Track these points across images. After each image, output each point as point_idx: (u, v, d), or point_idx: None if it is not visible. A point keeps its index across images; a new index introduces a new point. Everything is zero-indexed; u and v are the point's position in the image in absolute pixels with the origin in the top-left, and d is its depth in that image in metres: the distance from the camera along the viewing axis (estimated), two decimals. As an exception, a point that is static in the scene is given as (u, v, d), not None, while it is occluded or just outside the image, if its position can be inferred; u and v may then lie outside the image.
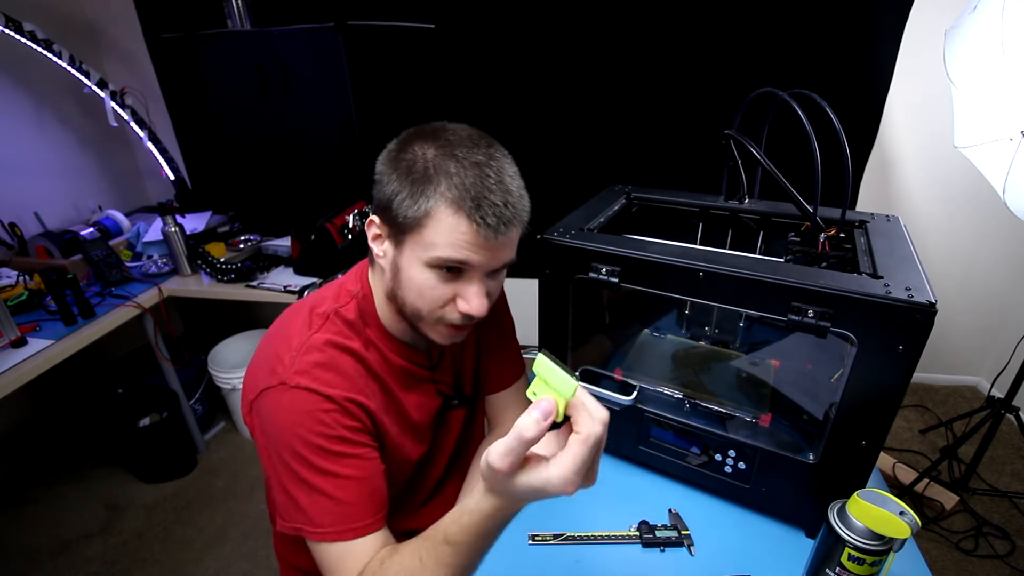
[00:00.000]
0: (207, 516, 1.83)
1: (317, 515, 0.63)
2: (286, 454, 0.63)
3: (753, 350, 1.01)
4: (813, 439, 0.79)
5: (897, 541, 0.59)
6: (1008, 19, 1.13)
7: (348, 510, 0.63)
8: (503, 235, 0.61)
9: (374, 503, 0.65)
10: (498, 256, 0.63)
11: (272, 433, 0.64)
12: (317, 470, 0.63)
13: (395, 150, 0.63)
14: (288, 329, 0.70)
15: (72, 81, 1.95)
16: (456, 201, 0.58)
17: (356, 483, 0.64)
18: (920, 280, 0.64)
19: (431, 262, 0.61)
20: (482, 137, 0.64)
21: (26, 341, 1.41)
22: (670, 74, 1.83)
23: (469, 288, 0.64)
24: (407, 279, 0.64)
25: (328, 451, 0.63)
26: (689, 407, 0.89)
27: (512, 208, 0.60)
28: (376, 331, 0.73)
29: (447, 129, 0.63)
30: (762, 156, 0.83)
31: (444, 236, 0.59)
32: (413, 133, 0.64)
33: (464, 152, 0.60)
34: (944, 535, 1.66)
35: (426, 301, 0.65)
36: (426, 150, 0.61)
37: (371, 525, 0.64)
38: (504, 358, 0.90)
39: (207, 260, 1.76)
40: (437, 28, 1.88)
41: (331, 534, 0.62)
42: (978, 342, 2.23)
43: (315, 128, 1.87)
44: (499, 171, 0.60)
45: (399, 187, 0.60)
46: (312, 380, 0.64)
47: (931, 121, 1.86)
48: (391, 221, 0.63)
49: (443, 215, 0.59)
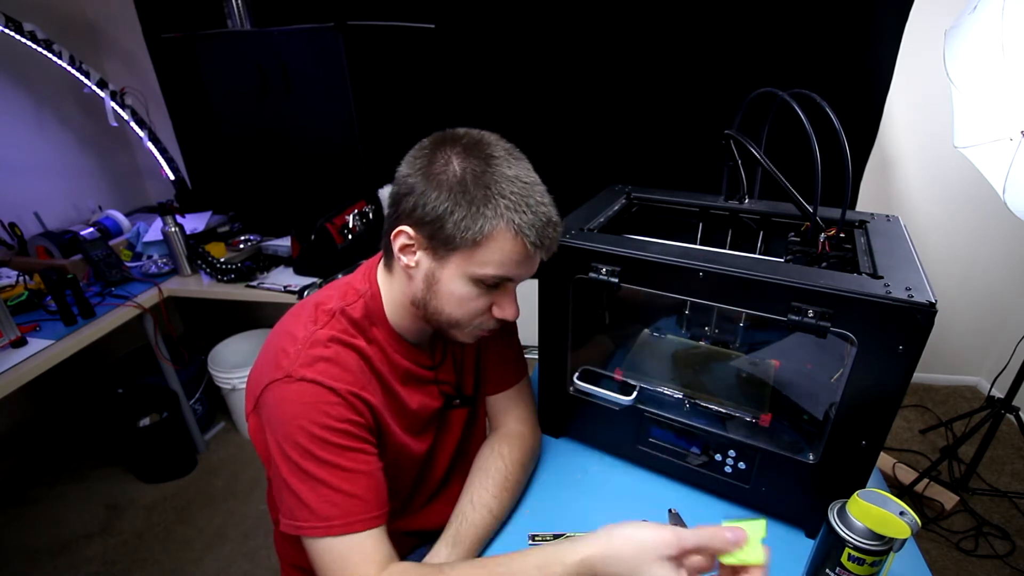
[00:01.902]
0: (207, 516, 1.83)
1: (322, 508, 0.61)
2: (288, 446, 0.62)
3: (753, 350, 1.01)
4: (813, 439, 0.79)
5: (897, 541, 0.59)
6: (1008, 19, 1.13)
7: (355, 502, 0.63)
8: (547, 253, 0.66)
9: (379, 497, 0.66)
10: (535, 267, 0.68)
11: (276, 426, 0.64)
12: (321, 462, 0.62)
13: (430, 160, 0.63)
14: (293, 325, 0.70)
15: (72, 81, 1.95)
16: (518, 225, 0.61)
17: (363, 476, 0.64)
18: (920, 280, 0.64)
19: (480, 278, 0.64)
20: (516, 150, 0.66)
21: (26, 341, 1.41)
22: (670, 74, 1.83)
23: (506, 298, 0.69)
24: (447, 292, 0.66)
25: (332, 443, 0.63)
26: (689, 407, 0.89)
27: (558, 230, 0.66)
28: (382, 330, 0.73)
29: (486, 142, 0.64)
30: (762, 156, 0.83)
31: (501, 256, 0.62)
32: (446, 141, 0.64)
33: (512, 170, 0.62)
34: (944, 535, 1.66)
35: (465, 311, 0.67)
36: (472, 165, 0.61)
37: (378, 519, 0.64)
38: (506, 359, 0.90)
39: (207, 260, 1.76)
40: (437, 28, 1.88)
41: (337, 527, 0.61)
42: (978, 342, 2.23)
43: (315, 128, 1.87)
44: (543, 190, 0.65)
45: (452, 206, 0.60)
46: (317, 373, 0.64)
47: (931, 121, 1.86)
48: (436, 236, 0.62)
49: (502, 237, 0.61)
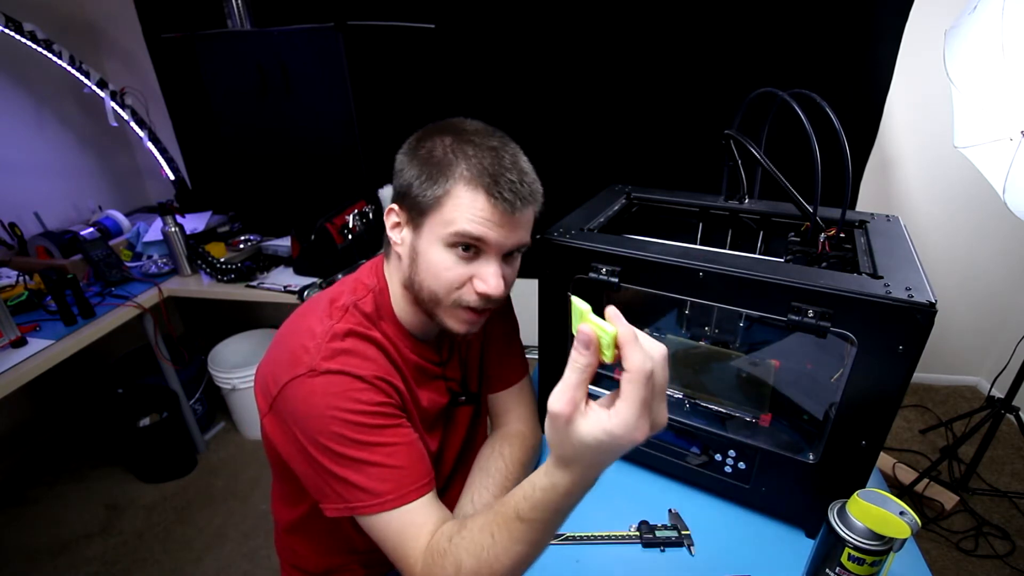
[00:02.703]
0: (207, 516, 1.83)
1: (374, 485, 0.62)
2: (324, 438, 0.63)
3: (753, 350, 1.01)
4: (813, 439, 0.79)
5: (897, 541, 0.59)
6: (1008, 19, 1.13)
7: (404, 473, 0.64)
8: (519, 211, 0.64)
9: (424, 464, 0.67)
10: (514, 234, 0.65)
11: (305, 421, 0.64)
12: (362, 444, 0.63)
13: (414, 143, 0.68)
14: (308, 321, 0.70)
15: (72, 81, 1.95)
16: (474, 178, 0.62)
17: (403, 448, 0.65)
18: (920, 280, 0.64)
19: (449, 239, 0.64)
20: (497, 131, 0.69)
21: (26, 341, 1.41)
22: (670, 74, 1.83)
23: (486, 268, 0.66)
24: (425, 262, 0.66)
25: (368, 426, 0.64)
26: (689, 407, 0.89)
27: (528, 186, 0.64)
28: (390, 325, 0.74)
29: (463, 122, 0.68)
30: (762, 156, 0.83)
31: (462, 212, 0.62)
32: (431, 128, 0.68)
33: (480, 139, 0.65)
34: (944, 535, 1.66)
35: (442, 283, 0.66)
36: (444, 139, 0.65)
37: (427, 485, 0.65)
38: (508, 357, 0.90)
39: (207, 260, 1.76)
40: (437, 28, 1.88)
41: (392, 500, 0.62)
42: (978, 342, 2.23)
43: (315, 128, 1.86)
44: (514, 154, 0.65)
45: (418, 172, 0.64)
46: (341, 364, 0.65)
47: (931, 121, 1.86)
48: (410, 205, 0.66)
49: (461, 192, 0.62)
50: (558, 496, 0.50)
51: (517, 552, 0.54)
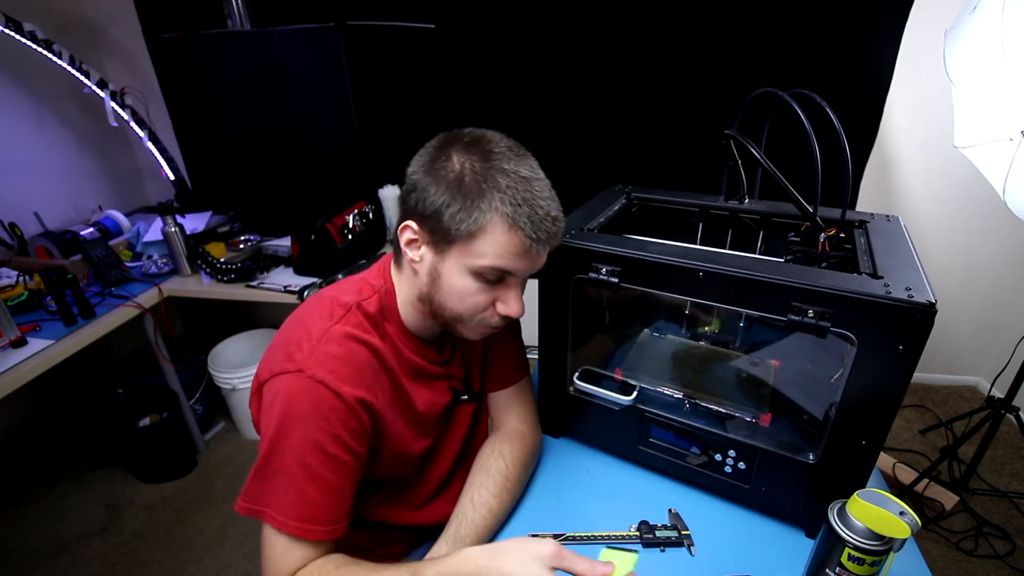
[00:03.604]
0: (207, 516, 1.83)
1: (288, 506, 0.64)
2: (280, 438, 0.64)
3: (753, 350, 1.01)
4: (813, 439, 0.79)
5: (897, 541, 0.59)
6: (1008, 19, 1.13)
7: (316, 512, 0.65)
8: (549, 247, 0.66)
9: (339, 512, 0.67)
10: (538, 263, 0.68)
11: (276, 415, 0.65)
12: (304, 465, 0.64)
13: (434, 157, 0.65)
14: (309, 318, 0.71)
15: (72, 81, 1.95)
16: (511, 217, 0.61)
17: (333, 489, 0.66)
18: (920, 280, 0.64)
19: (477, 270, 0.64)
20: (519, 147, 0.67)
21: (26, 341, 1.41)
22: (670, 74, 1.83)
23: (510, 293, 0.68)
24: (448, 286, 0.66)
25: (324, 450, 0.64)
26: (689, 407, 0.89)
27: (558, 224, 0.65)
28: (395, 326, 0.74)
29: (488, 139, 0.65)
30: (762, 156, 0.83)
31: (496, 248, 0.62)
32: (450, 140, 0.65)
33: (511, 165, 0.63)
34: (944, 535, 1.66)
35: (467, 306, 0.68)
36: (472, 161, 0.62)
37: (331, 532, 0.66)
38: (509, 357, 0.91)
39: (207, 260, 1.76)
40: (437, 28, 1.88)
41: (293, 527, 0.64)
42: (978, 342, 2.23)
43: (315, 128, 1.87)
44: (544, 185, 0.65)
45: (449, 199, 0.62)
46: (328, 372, 0.65)
47: (931, 121, 1.86)
48: (436, 230, 0.64)
49: (498, 230, 0.62)
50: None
51: None
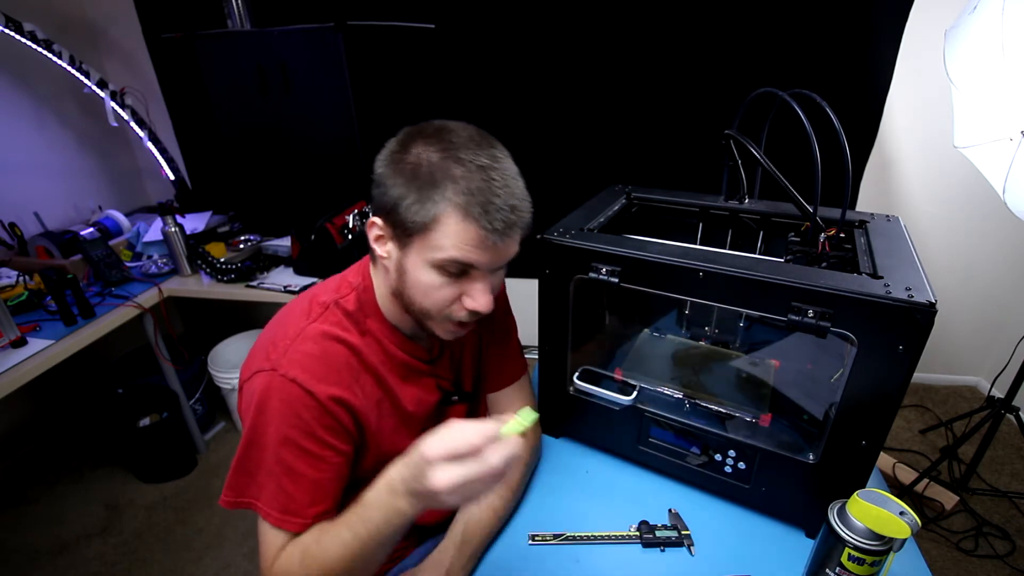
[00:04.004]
0: (207, 516, 1.83)
1: (269, 498, 0.66)
2: (256, 434, 0.66)
3: (753, 350, 1.01)
4: (813, 439, 0.79)
5: (897, 541, 0.59)
6: (1008, 19, 1.13)
7: (294, 505, 0.66)
8: (509, 238, 0.62)
9: (322, 504, 0.68)
10: (503, 255, 0.65)
11: (252, 412, 0.66)
12: (281, 460, 0.65)
13: (396, 151, 0.64)
14: (288, 317, 0.72)
15: (72, 81, 1.95)
16: (464, 207, 0.59)
17: (312, 483, 0.67)
18: (920, 280, 0.64)
19: (438, 263, 0.63)
20: (484, 137, 0.64)
21: (26, 341, 1.41)
22: (670, 74, 1.83)
23: (475, 286, 0.66)
24: (413, 280, 0.66)
25: (298, 446, 0.65)
26: (689, 407, 0.89)
27: (518, 212, 0.62)
28: (377, 322, 0.74)
29: (449, 129, 0.63)
30: (762, 156, 0.83)
31: (452, 239, 0.61)
32: (413, 133, 0.64)
33: (469, 154, 0.61)
34: (944, 535, 1.66)
35: (433, 301, 0.66)
36: (429, 153, 0.61)
37: (306, 523, 0.67)
38: (505, 356, 0.90)
39: (207, 260, 1.76)
40: (437, 28, 1.88)
41: (274, 518, 0.66)
42: (978, 342, 2.23)
43: (315, 128, 1.86)
44: (504, 174, 0.62)
45: (405, 191, 0.61)
46: (301, 371, 0.66)
47: (931, 121, 1.86)
48: (396, 224, 0.63)
49: (451, 220, 0.60)
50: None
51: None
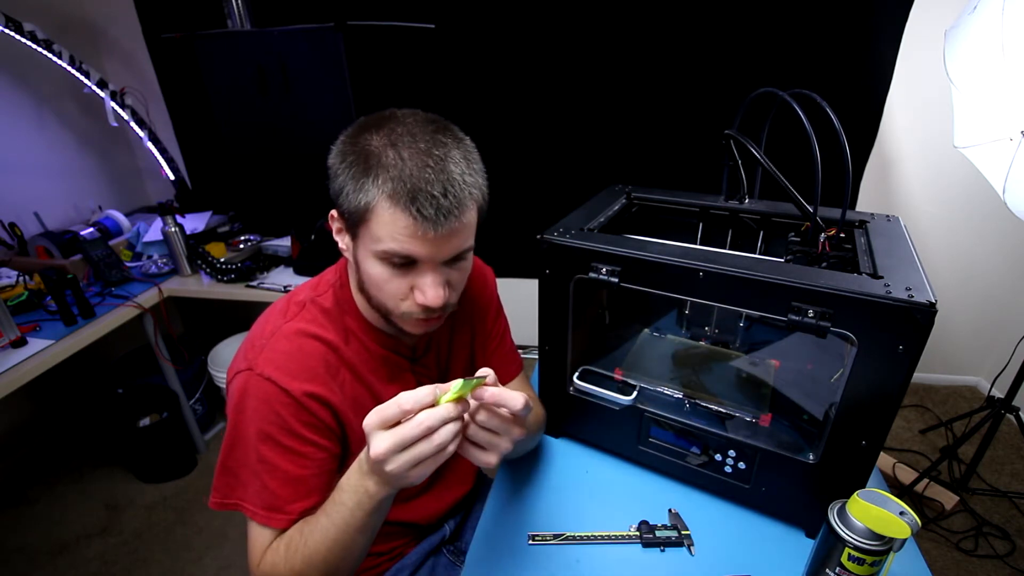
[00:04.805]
0: (207, 516, 1.83)
1: (254, 496, 0.67)
2: (237, 435, 0.67)
3: (753, 350, 1.01)
4: (813, 439, 0.79)
5: (897, 541, 0.59)
6: (1008, 19, 1.13)
7: (278, 502, 0.66)
8: (444, 226, 0.58)
9: (307, 500, 0.68)
10: (447, 245, 0.61)
11: (233, 415, 0.67)
12: (261, 458, 0.66)
13: (345, 140, 0.63)
14: (267, 317, 0.73)
15: (72, 81, 1.95)
16: (392, 194, 0.56)
17: (295, 480, 0.67)
18: (920, 280, 0.64)
19: (380, 255, 0.61)
20: (431, 122, 0.61)
21: (26, 341, 1.41)
22: (670, 74, 1.83)
23: (423, 279, 0.63)
24: (366, 274, 0.65)
25: (277, 443, 0.66)
26: (689, 407, 0.89)
27: (453, 198, 0.57)
28: (355, 320, 0.74)
29: (395, 117, 0.61)
30: (762, 156, 0.83)
31: (386, 229, 0.58)
32: (363, 123, 0.63)
33: (409, 138, 0.58)
34: (944, 535, 1.66)
35: (385, 295, 0.65)
36: (371, 140, 0.59)
37: (294, 520, 0.67)
38: (501, 354, 0.91)
39: (207, 260, 1.76)
40: (437, 28, 1.88)
41: (260, 516, 0.67)
42: (978, 342, 2.23)
43: (315, 128, 1.86)
44: (441, 158, 0.58)
45: (344, 181, 0.60)
46: (275, 369, 0.66)
47: (931, 121, 1.86)
48: (343, 215, 0.63)
49: (382, 209, 0.57)
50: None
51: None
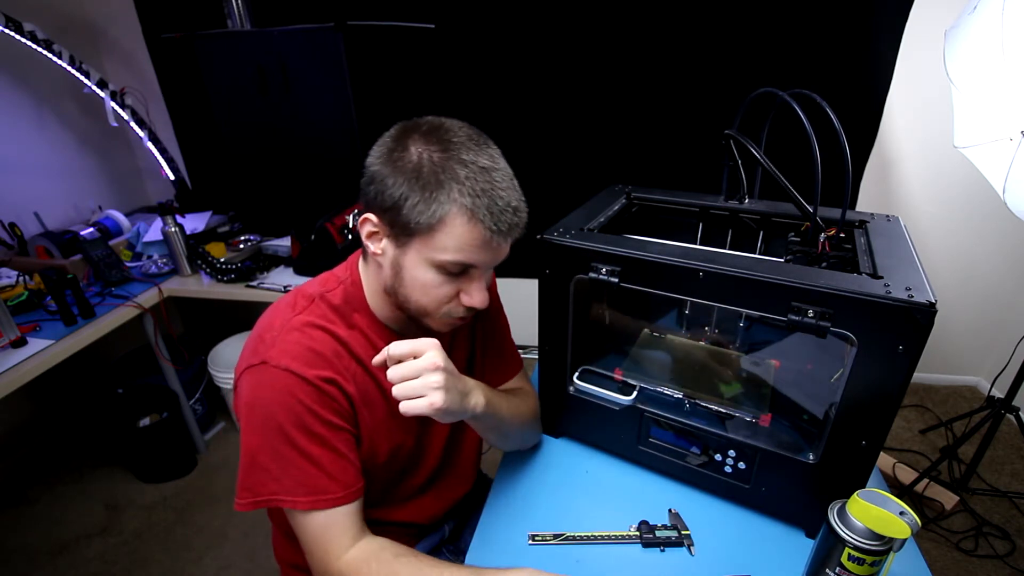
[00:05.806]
0: (207, 516, 1.83)
1: (292, 486, 0.66)
2: (260, 429, 0.66)
3: (753, 350, 1.01)
4: (813, 439, 0.79)
5: (897, 541, 0.59)
6: (1008, 19, 1.13)
7: (320, 483, 0.66)
8: (510, 238, 0.65)
9: (348, 475, 0.68)
10: (501, 254, 0.67)
11: (252, 410, 0.66)
12: (292, 445, 0.65)
13: (391, 148, 0.64)
14: (274, 312, 0.73)
15: (72, 81, 1.95)
16: (470, 209, 0.60)
17: (328, 459, 0.67)
18: (920, 280, 0.64)
19: (439, 264, 0.63)
20: (480, 135, 0.65)
21: (26, 341, 1.41)
22: (670, 74, 1.83)
23: (473, 284, 0.67)
24: (411, 278, 0.66)
25: (303, 428, 0.66)
26: (689, 407, 0.89)
27: (519, 214, 0.64)
28: (364, 317, 0.74)
29: (446, 128, 0.64)
30: (762, 156, 0.83)
31: (456, 241, 0.62)
32: (408, 129, 0.64)
33: (470, 155, 0.61)
34: (944, 535, 1.66)
35: (431, 299, 0.67)
36: (431, 152, 0.61)
37: (342, 498, 0.67)
38: (502, 352, 0.92)
39: (207, 260, 1.76)
40: (437, 28, 1.88)
41: (303, 503, 0.66)
42: (978, 342, 2.23)
43: (315, 128, 1.86)
44: (504, 175, 0.63)
45: (407, 191, 0.61)
46: (291, 360, 0.66)
47: (931, 121, 1.86)
48: (395, 223, 0.63)
49: (458, 222, 0.61)
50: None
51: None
